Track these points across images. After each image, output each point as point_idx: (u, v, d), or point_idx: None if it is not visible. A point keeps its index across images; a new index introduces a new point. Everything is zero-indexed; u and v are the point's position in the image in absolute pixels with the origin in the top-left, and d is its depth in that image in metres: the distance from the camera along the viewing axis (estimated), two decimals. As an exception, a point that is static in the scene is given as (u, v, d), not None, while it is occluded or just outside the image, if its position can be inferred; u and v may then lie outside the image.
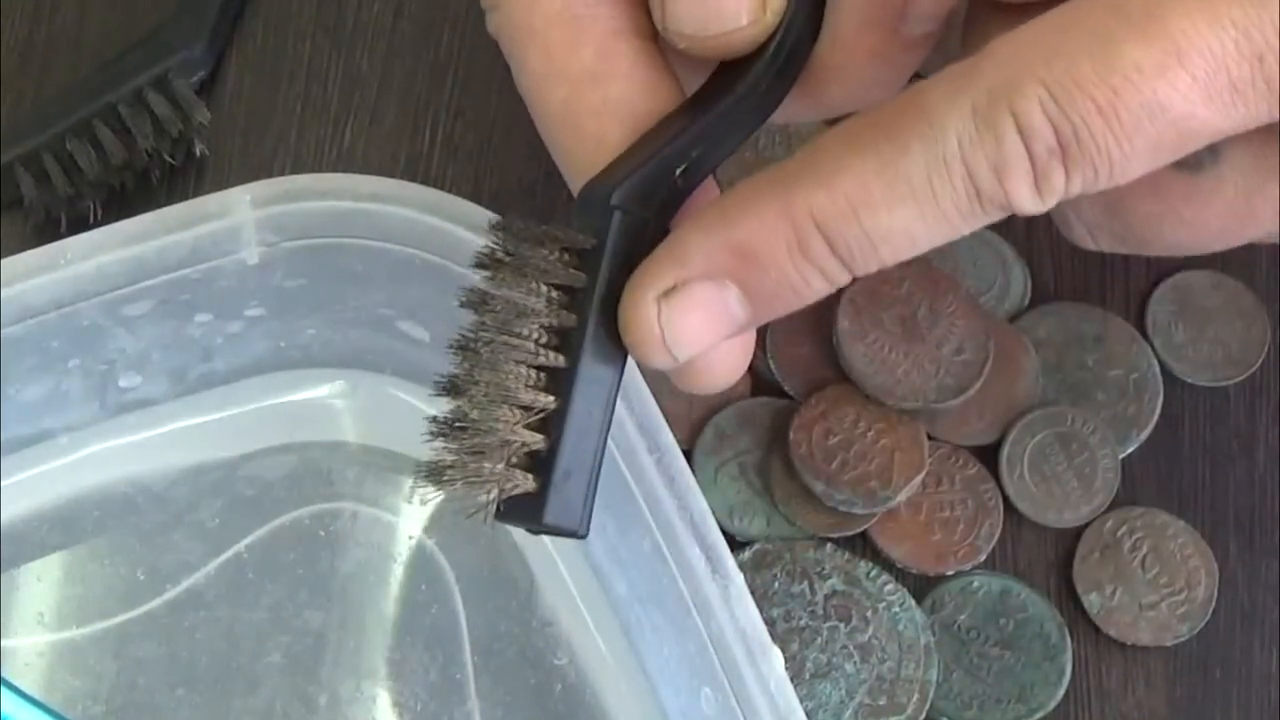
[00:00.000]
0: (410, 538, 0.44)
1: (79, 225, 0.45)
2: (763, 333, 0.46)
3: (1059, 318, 0.48)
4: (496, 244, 0.34)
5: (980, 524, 0.46)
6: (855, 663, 0.44)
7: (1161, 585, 0.46)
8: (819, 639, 0.44)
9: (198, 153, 0.47)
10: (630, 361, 0.34)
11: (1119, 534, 0.46)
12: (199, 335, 0.43)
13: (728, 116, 0.34)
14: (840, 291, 0.38)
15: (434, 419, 0.33)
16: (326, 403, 0.45)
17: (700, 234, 0.32)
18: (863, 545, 0.46)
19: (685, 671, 0.39)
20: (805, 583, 0.45)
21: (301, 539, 0.44)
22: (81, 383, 0.43)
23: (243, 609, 0.43)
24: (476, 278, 0.34)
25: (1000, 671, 0.44)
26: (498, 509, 0.33)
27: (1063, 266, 0.49)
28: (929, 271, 0.47)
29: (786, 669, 0.37)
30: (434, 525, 0.44)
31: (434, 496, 0.33)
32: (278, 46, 0.50)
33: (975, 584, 0.45)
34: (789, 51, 0.34)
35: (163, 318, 0.41)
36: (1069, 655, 0.45)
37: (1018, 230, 0.49)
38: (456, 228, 0.40)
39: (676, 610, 0.38)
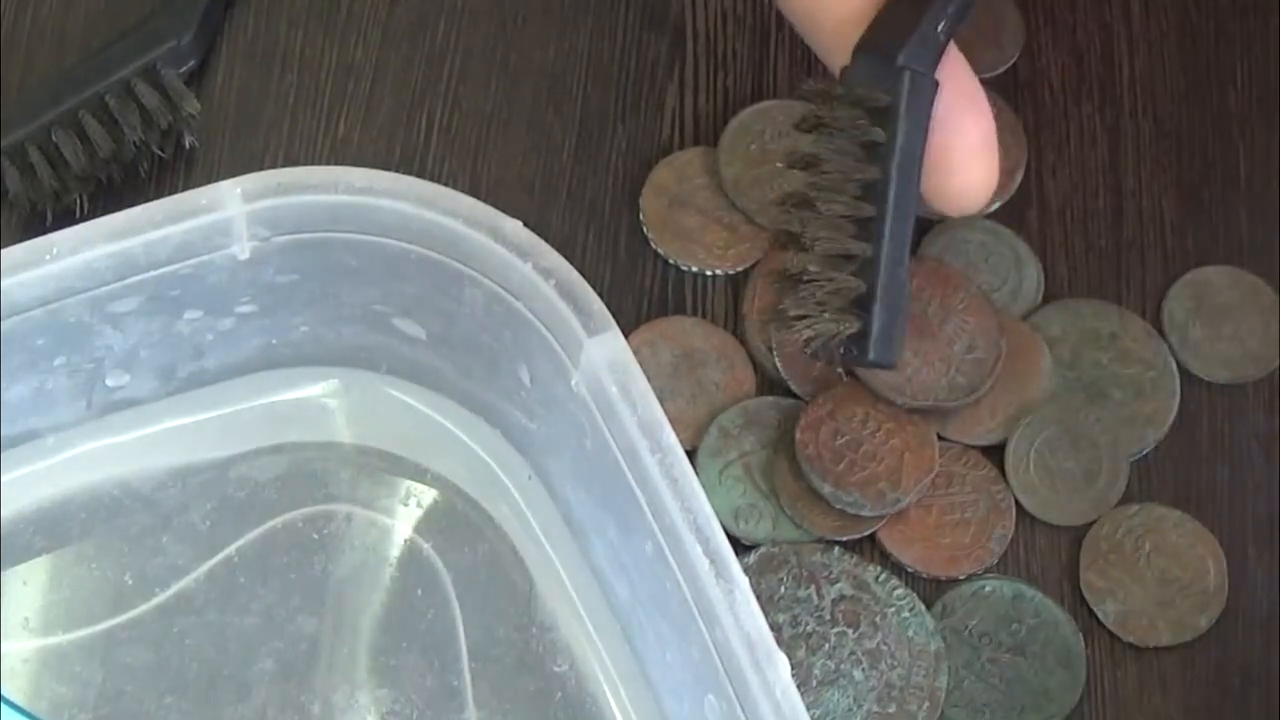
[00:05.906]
0: (405, 540, 0.44)
1: (65, 219, 0.46)
2: (769, 330, 0.46)
3: (1073, 315, 0.48)
4: (814, 109, 0.38)
5: (992, 526, 0.45)
6: (864, 669, 0.43)
7: (1171, 580, 0.45)
8: (826, 645, 0.44)
9: (187, 145, 0.47)
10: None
11: (1118, 536, 0.45)
12: (188, 332, 0.42)
13: None
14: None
15: (779, 272, 0.38)
16: (320, 402, 0.45)
17: None
18: (871, 548, 0.45)
19: (689, 678, 0.39)
20: (812, 587, 0.44)
21: (294, 542, 0.43)
22: (68, 381, 0.42)
23: (233, 614, 0.43)
24: (804, 141, 0.38)
25: (1013, 678, 0.44)
26: (843, 350, 0.38)
27: (1077, 262, 0.48)
28: (940, 268, 0.47)
29: (793, 676, 0.36)
30: (430, 528, 0.44)
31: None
32: (269, 36, 0.50)
33: (987, 588, 0.45)
34: None
35: (151, 314, 0.41)
36: (1083, 661, 0.44)
37: (1031, 226, 0.49)
38: (453, 222, 0.40)
39: (680, 615, 0.38)
